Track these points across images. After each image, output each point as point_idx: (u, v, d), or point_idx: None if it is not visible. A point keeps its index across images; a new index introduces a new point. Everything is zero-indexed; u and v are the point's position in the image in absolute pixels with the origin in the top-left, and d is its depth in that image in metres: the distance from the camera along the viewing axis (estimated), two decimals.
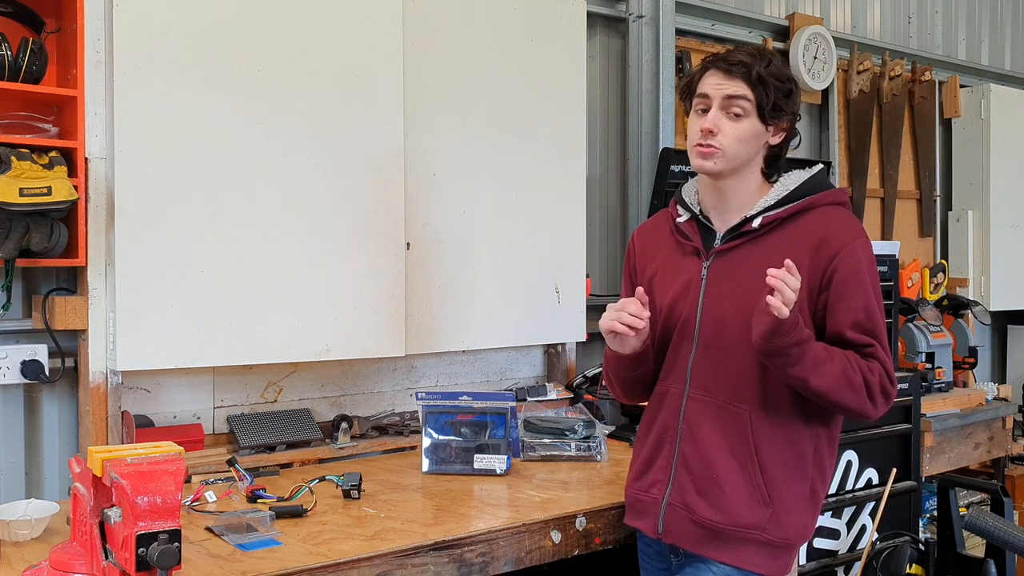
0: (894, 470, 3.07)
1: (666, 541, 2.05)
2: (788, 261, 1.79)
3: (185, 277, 2.50)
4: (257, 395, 2.82)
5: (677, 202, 2.11)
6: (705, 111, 1.96)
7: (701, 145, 1.95)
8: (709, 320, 1.98)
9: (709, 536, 1.96)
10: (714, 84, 1.95)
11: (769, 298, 1.77)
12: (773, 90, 1.92)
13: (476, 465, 2.61)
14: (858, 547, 3.02)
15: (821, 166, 2.05)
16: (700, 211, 2.06)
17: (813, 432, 1.97)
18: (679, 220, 2.09)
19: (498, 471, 2.60)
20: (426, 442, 2.66)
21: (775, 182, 2.03)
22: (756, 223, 1.96)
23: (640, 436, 2.15)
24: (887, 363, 1.91)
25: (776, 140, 1.99)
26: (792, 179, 2.00)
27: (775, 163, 2.02)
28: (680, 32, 3.87)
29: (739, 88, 1.93)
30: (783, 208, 1.96)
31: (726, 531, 1.95)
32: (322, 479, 2.39)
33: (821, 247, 1.92)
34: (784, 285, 1.76)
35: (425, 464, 2.65)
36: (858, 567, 2.97)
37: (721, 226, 2.03)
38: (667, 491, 2.03)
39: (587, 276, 3.39)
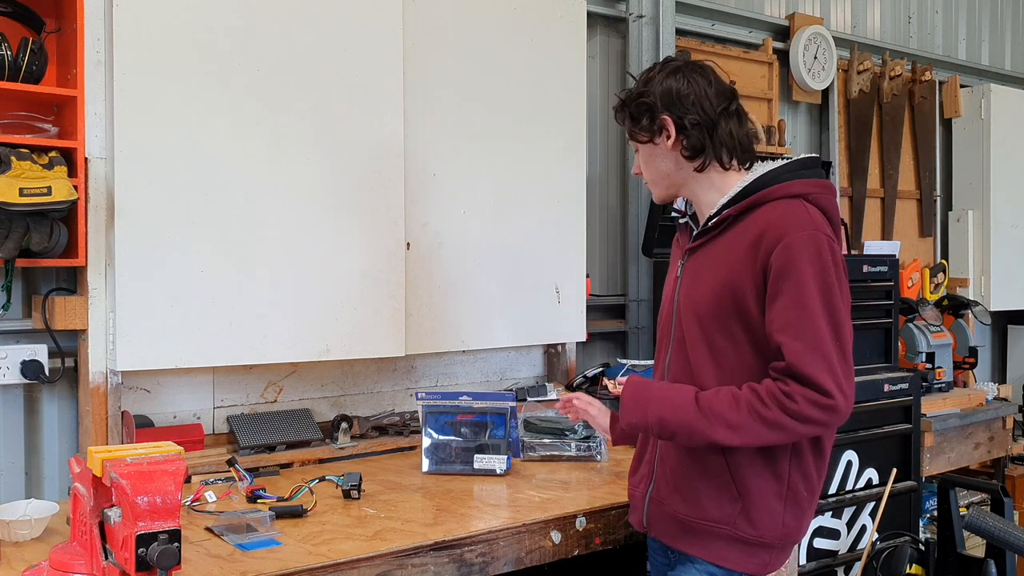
0: (894, 470, 3.07)
1: (650, 535, 2.09)
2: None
3: (185, 277, 2.50)
4: (257, 395, 2.82)
5: (686, 204, 2.13)
6: None
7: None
8: (679, 319, 2.01)
9: (684, 530, 1.98)
10: None
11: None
12: (629, 116, 1.99)
13: (476, 465, 2.61)
14: (858, 547, 3.02)
15: (802, 157, 1.99)
16: (692, 213, 2.08)
17: None
18: (681, 221, 2.13)
19: (498, 471, 2.60)
20: (426, 442, 2.66)
21: (753, 168, 2.00)
22: (711, 222, 1.97)
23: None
24: (815, 375, 1.77)
25: (670, 142, 1.95)
26: (753, 173, 1.97)
27: (703, 154, 1.94)
28: (680, 32, 3.87)
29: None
30: (734, 206, 1.94)
31: (697, 525, 1.95)
32: (322, 479, 2.39)
33: (759, 243, 1.86)
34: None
35: (425, 464, 2.65)
36: (858, 567, 2.97)
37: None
38: (650, 486, 2.06)
39: (587, 276, 3.39)
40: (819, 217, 1.89)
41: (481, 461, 2.61)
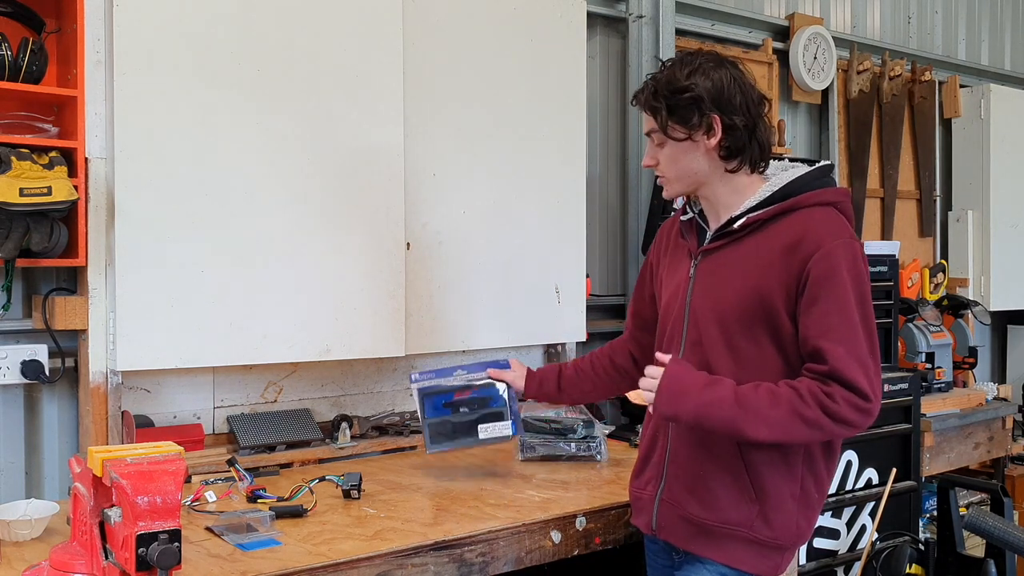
0: (894, 470, 3.07)
1: (660, 537, 2.06)
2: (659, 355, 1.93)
3: (185, 277, 2.50)
4: (257, 395, 2.82)
5: (687, 201, 2.11)
6: None
7: (656, 176, 2.04)
8: (693, 320, 1.99)
9: (698, 532, 1.97)
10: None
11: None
12: (666, 108, 1.91)
13: (482, 436, 2.46)
14: (858, 547, 3.03)
15: (821, 165, 2.00)
16: (699, 211, 2.07)
17: None
18: (683, 218, 2.10)
19: (506, 435, 2.45)
20: (424, 423, 2.50)
21: (765, 173, 1.99)
22: (737, 224, 1.95)
23: (641, 434, 2.18)
24: (856, 379, 1.81)
25: (714, 141, 1.92)
26: (782, 178, 1.96)
27: (740, 156, 1.94)
28: (680, 32, 3.87)
29: (647, 120, 1.98)
30: (764, 210, 1.93)
31: (713, 528, 1.95)
32: (322, 479, 2.39)
33: (796, 249, 1.87)
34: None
35: (429, 444, 2.49)
36: (858, 567, 2.97)
37: (713, 226, 2.03)
38: (660, 488, 2.04)
39: (587, 276, 3.39)
40: (849, 226, 1.92)
41: (486, 431, 2.46)
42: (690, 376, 1.89)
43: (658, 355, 1.94)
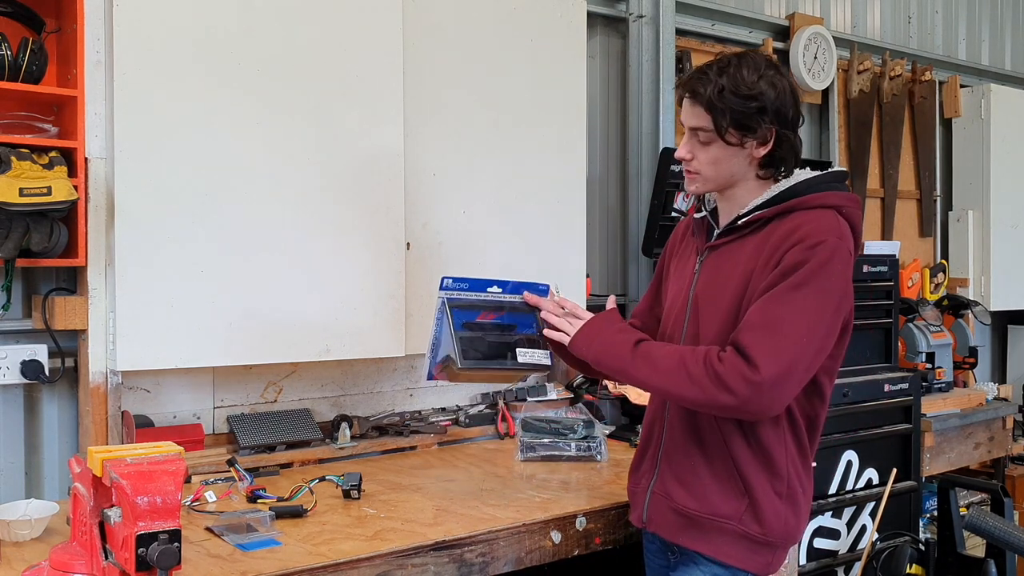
0: (894, 470, 3.07)
1: (648, 530, 2.08)
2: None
3: (185, 277, 2.50)
4: (257, 395, 2.82)
5: (699, 199, 2.11)
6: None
7: (686, 169, 1.99)
8: (694, 315, 2.00)
9: (687, 525, 1.98)
10: (684, 112, 1.95)
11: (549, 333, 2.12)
12: (731, 113, 1.86)
13: (520, 360, 2.21)
14: (858, 547, 3.03)
15: (834, 171, 2.00)
16: (713, 209, 2.07)
17: (778, 429, 1.94)
18: (696, 216, 2.10)
19: (544, 363, 2.24)
20: (454, 335, 2.22)
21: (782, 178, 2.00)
22: (741, 222, 1.96)
23: (640, 433, 2.19)
24: (751, 346, 1.77)
25: (761, 152, 1.92)
26: (790, 180, 1.97)
27: (776, 167, 1.95)
28: (680, 32, 3.87)
29: (699, 116, 1.91)
30: (768, 208, 1.94)
31: (702, 520, 1.95)
32: (322, 479, 2.39)
33: (781, 243, 1.87)
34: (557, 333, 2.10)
35: (461, 358, 2.19)
36: (858, 567, 2.97)
37: (723, 224, 2.03)
38: (652, 480, 2.06)
39: (587, 276, 3.39)
40: (847, 231, 1.91)
41: (524, 355, 2.22)
42: (608, 323, 2.03)
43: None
